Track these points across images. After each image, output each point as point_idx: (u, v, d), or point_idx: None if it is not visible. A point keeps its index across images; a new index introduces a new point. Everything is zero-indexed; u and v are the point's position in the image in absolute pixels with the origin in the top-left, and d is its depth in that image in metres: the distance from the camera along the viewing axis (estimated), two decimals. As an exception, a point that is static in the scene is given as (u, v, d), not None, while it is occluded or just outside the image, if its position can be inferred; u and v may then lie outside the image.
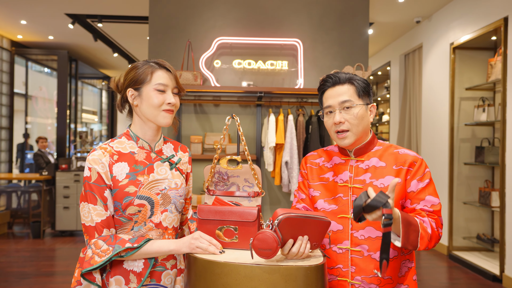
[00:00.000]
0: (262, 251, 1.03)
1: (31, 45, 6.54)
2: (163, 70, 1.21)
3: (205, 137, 3.67)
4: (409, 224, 1.10)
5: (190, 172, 1.36)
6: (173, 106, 1.22)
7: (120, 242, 1.13)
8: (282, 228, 1.05)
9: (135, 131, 1.25)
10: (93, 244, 1.13)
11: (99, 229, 1.14)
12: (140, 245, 1.13)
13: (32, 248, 4.59)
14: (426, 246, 1.14)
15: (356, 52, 3.77)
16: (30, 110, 7.05)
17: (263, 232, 1.03)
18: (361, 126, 1.23)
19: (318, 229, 1.10)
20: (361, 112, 1.22)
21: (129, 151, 1.22)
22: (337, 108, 1.23)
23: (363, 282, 1.19)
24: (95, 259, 1.11)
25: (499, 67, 3.75)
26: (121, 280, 1.17)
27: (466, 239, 4.32)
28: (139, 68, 1.21)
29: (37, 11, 4.88)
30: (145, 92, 1.20)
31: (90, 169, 1.16)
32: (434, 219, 1.18)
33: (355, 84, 1.24)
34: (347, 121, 1.22)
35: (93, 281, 1.13)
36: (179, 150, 1.33)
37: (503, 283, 3.50)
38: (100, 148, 1.19)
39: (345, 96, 1.22)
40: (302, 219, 1.07)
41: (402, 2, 4.42)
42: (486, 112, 4.04)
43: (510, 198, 3.48)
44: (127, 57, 7.25)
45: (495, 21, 3.69)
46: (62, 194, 5.13)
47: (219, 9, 3.78)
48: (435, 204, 1.19)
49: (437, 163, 4.68)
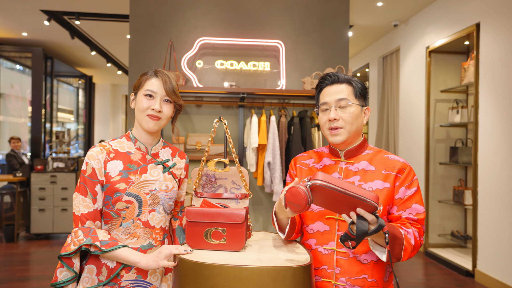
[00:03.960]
0: (292, 205, 1.05)
1: (3, 41, 6.30)
2: (155, 78, 1.31)
3: (187, 137, 3.65)
4: (395, 238, 1.11)
5: (185, 178, 1.42)
6: (157, 112, 1.29)
7: (93, 237, 1.20)
8: (314, 192, 1.03)
9: (134, 133, 1.35)
10: (74, 232, 1.22)
11: (82, 220, 1.23)
12: (106, 251, 1.19)
13: (5, 252, 4.43)
14: (409, 257, 1.16)
15: (337, 54, 3.84)
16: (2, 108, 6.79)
17: (296, 187, 1.03)
18: (354, 126, 1.24)
19: (354, 206, 1.03)
20: (356, 112, 1.24)
21: (126, 150, 1.31)
22: (333, 105, 1.25)
23: (347, 283, 1.20)
24: (70, 247, 1.20)
25: (471, 71, 3.90)
26: (93, 270, 1.25)
27: (441, 236, 4.48)
28: (142, 75, 1.35)
29: (10, 6, 4.71)
30: (138, 96, 1.32)
31: (86, 164, 1.26)
32: (417, 228, 1.20)
33: (353, 84, 1.27)
34: (341, 118, 1.23)
35: (71, 266, 1.22)
36: (176, 156, 1.40)
37: (475, 277, 3.66)
38: (99, 145, 1.29)
39: (342, 94, 1.24)
40: (336, 192, 1.01)
41: (380, 6, 4.53)
42: (459, 114, 4.20)
43: (482, 197, 3.63)
44: (106, 55, 7.09)
45: (468, 26, 3.84)
46: (38, 196, 4.97)
47: (202, 9, 3.77)
48: (420, 212, 1.20)
49: (413, 163, 4.83)
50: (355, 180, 1.24)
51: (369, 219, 1.02)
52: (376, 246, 1.13)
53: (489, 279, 3.47)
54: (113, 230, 1.26)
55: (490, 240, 3.51)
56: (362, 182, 1.23)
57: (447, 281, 3.64)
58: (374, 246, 1.14)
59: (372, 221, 1.03)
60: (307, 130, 3.53)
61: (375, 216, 1.03)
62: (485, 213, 3.58)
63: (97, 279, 1.24)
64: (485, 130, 3.61)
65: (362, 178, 1.24)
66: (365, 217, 1.02)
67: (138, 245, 1.25)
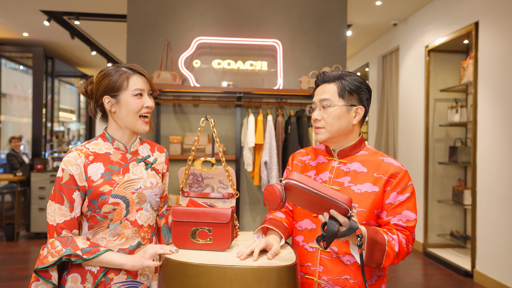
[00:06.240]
0: (268, 202, 1.08)
1: (5, 42, 6.33)
2: (137, 75, 1.25)
3: (184, 137, 3.65)
4: (375, 243, 1.10)
5: (166, 172, 1.40)
6: (150, 109, 1.27)
7: (73, 247, 1.16)
8: (289, 191, 1.05)
9: (111, 133, 1.29)
10: (50, 243, 1.17)
11: (58, 230, 1.18)
12: (88, 259, 1.16)
13: (5, 251, 4.46)
14: (392, 263, 1.14)
15: (334, 53, 3.83)
16: (4, 108, 6.83)
17: (273, 185, 1.06)
18: (336, 126, 1.23)
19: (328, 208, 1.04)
20: (337, 112, 1.22)
21: (105, 152, 1.25)
22: (318, 105, 1.26)
23: (329, 283, 1.20)
24: (48, 259, 1.15)
25: (470, 70, 3.88)
26: (78, 278, 1.21)
27: (440, 236, 4.46)
28: (112, 75, 1.23)
29: (11, 7, 4.73)
30: (123, 98, 1.24)
31: (63, 170, 1.19)
32: (405, 235, 1.17)
33: (342, 83, 1.24)
34: (323, 118, 1.24)
35: (49, 279, 1.16)
36: (155, 150, 1.37)
37: (474, 278, 3.64)
38: (76, 149, 1.23)
39: (325, 95, 1.24)
40: (308, 193, 1.02)
41: (379, 5, 4.51)
42: (459, 113, 4.17)
43: (481, 196, 3.61)
44: (106, 55, 7.11)
45: (467, 25, 3.82)
46: (38, 195, 5.00)
47: (199, 8, 3.77)
48: (410, 219, 1.18)
49: (412, 163, 4.81)
50: (345, 180, 1.23)
51: (341, 221, 1.03)
52: (355, 248, 1.13)
53: (488, 279, 3.44)
54: (100, 233, 1.22)
55: (489, 240, 3.49)
56: (352, 184, 1.22)
57: (446, 282, 3.62)
58: (353, 249, 1.13)
59: (344, 223, 1.03)
60: (304, 129, 3.52)
61: (348, 218, 1.03)
62: (484, 213, 3.56)
63: (83, 286, 1.20)
64: (484, 129, 3.59)
65: (353, 179, 1.23)
66: (338, 218, 1.03)
67: (126, 245, 1.23)
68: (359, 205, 1.19)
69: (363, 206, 1.19)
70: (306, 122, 3.54)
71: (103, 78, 1.24)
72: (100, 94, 1.25)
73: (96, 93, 1.26)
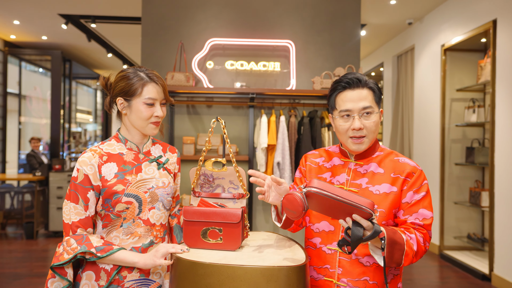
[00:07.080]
0: (288, 211, 1.06)
1: (25, 45, 6.52)
2: (153, 84, 1.27)
3: (197, 138, 3.68)
4: (395, 243, 1.09)
5: (178, 172, 1.43)
6: (160, 118, 1.29)
7: (87, 245, 1.18)
8: (310, 199, 1.04)
9: (124, 134, 1.32)
10: (66, 241, 1.20)
11: (73, 228, 1.21)
12: (102, 256, 1.19)
13: (25, 249, 4.58)
14: (410, 262, 1.14)
15: (348, 54, 3.80)
16: (24, 110, 7.02)
17: (293, 193, 1.04)
18: (375, 133, 1.22)
19: (350, 213, 1.03)
20: (377, 119, 1.21)
21: (118, 152, 1.29)
22: (358, 113, 1.19)
23: (349, 284, 1.20)
24: (63, 256, 1.18)
25: (488, 69, 3.79)
26: (92, 276, 1.23)
27: (457, 238, 4.37)
28: (130, 79, 1.26)
29: (30, 11, 4.87)
30: (135, 105, 1.26)
31: (78, 170, 1.23)
32: (422, 234, 1.18)
33: (374, 89, 1.22)
34: (365, 127, 1.20)
35: (64, 276, 1.20)
36: (167, 151, 1.40)
37: (492, 281, 3.55)
38: (90, 150, 1.26)
39: (366, 102, 1.19)
40: (330, 199, 1.01)
41: (393, 4, 4.46)
42: (476, 113, 4.08)
43: (499, 198, 3.52)
44: (122, 57, 7.24)
45: (484, 23, 3.73)
46: (56, 195, 5.12)
47: (212, 10, 3.80)
48: (427, 218, 1.18)
49: (428, 164, 4.73)
50: (363, 182, 1.23)
51: (365, 225, 1.03)
52: (376, 250, 1.13)
53: (507, 283, 3.36)
54: (113, 232, 1.25)
55: (507, 243, 3.40)
56: (370, 185, 1.22)
57: (462, 285, 3.55)
58: (374, 250, 1.13)
59: (367, 227, 1.03)
60: (317, 130, 3.51)
61: (371, 222, 1.03)
62: (502, 215, 3.47)
63: (97, 284, 1.23)
64: (502, 129, 3.50)
65: (370, 180, 1.22)
66: (361, 223, 1.03)
67: (139, 244, 1.26)
68: (378, 205, 1.20)
69: (382, 207, 1.20)
70: (319, 123, 3.52)
71: (121, 79, 1.27)
72: (115, 94, 1.28)
73: (113, 91, 1.30)
